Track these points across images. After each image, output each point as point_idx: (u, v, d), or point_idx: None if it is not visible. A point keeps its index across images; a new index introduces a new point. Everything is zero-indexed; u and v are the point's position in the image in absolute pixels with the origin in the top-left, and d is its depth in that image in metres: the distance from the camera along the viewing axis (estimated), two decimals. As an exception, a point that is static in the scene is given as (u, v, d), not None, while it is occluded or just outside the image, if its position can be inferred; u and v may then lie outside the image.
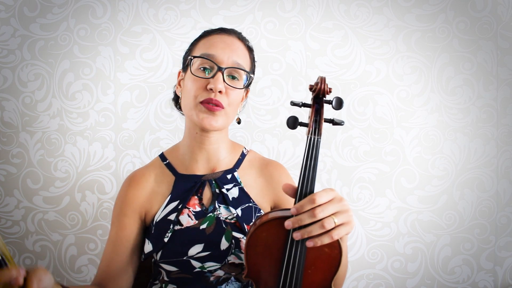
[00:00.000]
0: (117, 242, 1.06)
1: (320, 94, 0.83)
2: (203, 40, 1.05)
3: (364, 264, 1.66)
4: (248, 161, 1.13)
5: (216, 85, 0.98)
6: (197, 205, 1.05)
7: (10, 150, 1.59)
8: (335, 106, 0.80)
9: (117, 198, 1.11)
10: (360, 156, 1.65)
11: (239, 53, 1.03)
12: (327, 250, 0.83)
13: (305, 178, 0.81)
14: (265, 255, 0.85)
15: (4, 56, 1.57)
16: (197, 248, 1.00)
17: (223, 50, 1.01)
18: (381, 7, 1.63)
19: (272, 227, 0.83)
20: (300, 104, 0.84)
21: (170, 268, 1.02)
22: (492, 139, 1.66)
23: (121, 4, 1.59)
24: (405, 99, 1.65)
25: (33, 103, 1.58)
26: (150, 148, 1.61)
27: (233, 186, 1.07)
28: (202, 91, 0.99)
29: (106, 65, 1.59)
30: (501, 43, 1.64)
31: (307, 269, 0.83)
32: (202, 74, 1.01)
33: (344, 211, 0.79)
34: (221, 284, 1.03)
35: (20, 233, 1.59)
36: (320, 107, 0.83)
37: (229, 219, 1.04)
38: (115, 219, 1.09)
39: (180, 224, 1.03)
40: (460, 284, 1.68)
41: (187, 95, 1.02)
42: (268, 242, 0.84)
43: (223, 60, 1.00)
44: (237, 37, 1.07)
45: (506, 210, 1.67)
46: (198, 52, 1.03)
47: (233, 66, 1.00)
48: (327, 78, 1.63)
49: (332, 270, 0.84)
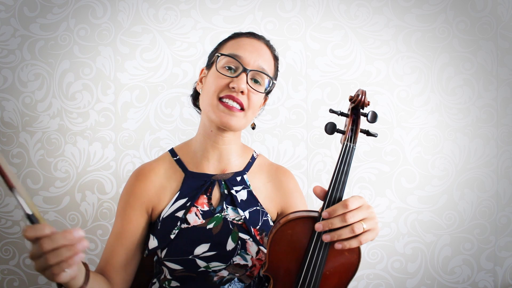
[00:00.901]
0: (122, 234, 1.05)
1: (359, 106, 0.88)
2: (233, 40, 1.07)
3: (364, 264, 1.66)
4: (258, 165, 1.13)
5: (239, 85, 0.98)
6: (205, 204, 1.05)
7: (10, 150, 1.59)
8: (370, 119, 0.86)
9: (123, 191, 1.10)
10: (360, 156, 1.65)
11: (266, 58, 1.05)
12: (347, 255, 0.87)
13: (336, 182, 0.85)
14: (287, 252, 0.88)
15: (4, 56, 1.57)
16: (203, 248, 1.00)
17: (250, 53, 1.02)
18: (381, 7, 1.63)
19: (298, 225, 0.87)
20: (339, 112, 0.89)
21: (174, 266, 1.01)
22: (492, 139, 1.66)
23: (121, 4, 1.59)
24: (405, 99, 1.65)
25: (33, 103, 1.58)
26: (150, 148, 1.61)
27: (242, 188, 1.07)
28: (224, 88, 1.00)
29: (106, 65, 1.59)
30: (501, 43, 1.64)
31: (326, 271, 0.87)
32: (226, 72, 1.01)
33: (371, 218, 0.84)
34: (224, 284, 1.03)
35: (20, 233, 1.59)
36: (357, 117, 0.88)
37: (236, 221, 1.04)
38: (121, 211, 1.08)
39: (187, 223, 1.03)
40: (460, 284, 1.68)
41: (208, 90, 1.03)
42: (293, 239, 0.87)
43: (249, 63, 1.01)
44: (266, 44, 1.08)
45: (506, 210, 1.67)
46: (226, 52, 1.04)
47: (258, 69, 1.02)
48: (326, 78, 1.63)
49: (349, 274, 0.88)
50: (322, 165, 1.64)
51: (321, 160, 1.64)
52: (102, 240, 1.61)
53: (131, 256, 1.06)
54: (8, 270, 1.60)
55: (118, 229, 1.07)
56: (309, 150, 1.63)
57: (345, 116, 0.90)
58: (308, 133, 1.64)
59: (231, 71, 1.01)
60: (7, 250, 1.60)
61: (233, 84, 0.99)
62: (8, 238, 1.60)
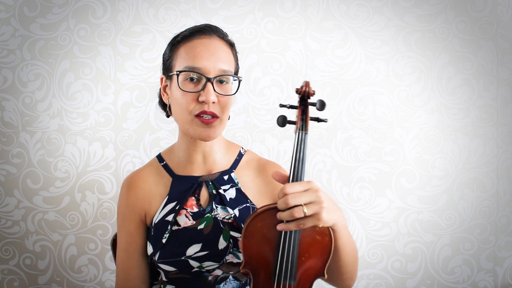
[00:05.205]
0: (129, 248, 1.07)
1: (305, 96, 0.92)
2: (184, 47, 1.01)
3: (364, 264, 1.66)
4: (245, 161, 1.12)
5: (208, 97, 0.96)
6: (194, 206, 1.05)
7: (10, 150, 1.59)
8: (318, 107, 0.89)
9: (118, 204, 1.11)
10: (360, 156, 1.65)
11: (224, 57, 1.01)
12: (319, 238, 0.90)
13: (295, 171, 0.88)
14: (261, 245, 0.90)
15: (4, 56, 1.57)
16: (195, 248, 1.01)
17: (208, 60, 0.98)
18: (381, 7, 1.63)
19: (267, 217, 0.90)
20: (288, 106, 0.94)
21: (168, 268, 1.02)
22: (492, 139, 1.66)
23: (121, 4, 1.59)
24: (405, 99, 1.65)
25: (33, 103, 1.58)
26: (150, 148, 1.61)
27: (230, 187, 1.07)
28: (195, 104, 0.98)
29: (106, 65, 1.59)
30: (501, 43, 1.64)
31: (301, 257, 0.89)
32: (190, 87, 0.98)
33: (317, 202, 0.83)
34: (219, 283, 1.03)
35: (20, 233, 1.59)
36: (306, 107, 0.92)
37: (226, 219, 1.04)
38: (121, 225, 1.09)
39: (177, 225, 1.03)
40: (460, 284, 1.68)
41: (179, 107, 1.00)
42: (264, 231, 0.90)
43: (210, 70, 0.98)
44: (218, 36, 1.03)
45: (506, 210, 1.67)
46: (181, 63, 1.00)
47: (220, 74, 0.99)
48: (326, 78, 1.63)
49: (325, 257, 0.90)
50: (322, 165, 1.64)
51: (321, 160, 1.64)
52: (102, 240, 1.61)
53: (145, 266, 1.09)
54: (8, 270, 1.60)
55: (123, 244, 1.08)
56: (309, 150, 1.63)
57: (295, 108, 0.94)
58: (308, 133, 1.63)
59: (194, 83, 0.98)
60: (7, 250, 1.60)
61: (201, 97, 0.97)
62: (8, 238, 1.60)
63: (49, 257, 1.60)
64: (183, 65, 0.99)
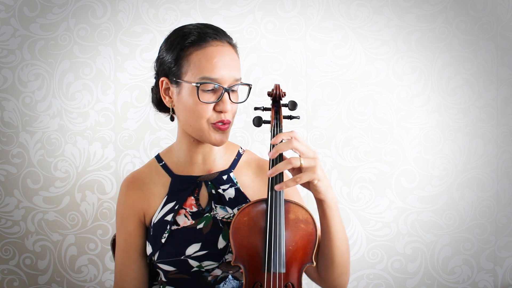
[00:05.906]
0: (127, 249, 1.07)
1: (277, 98, 1.01)
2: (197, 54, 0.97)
3: (364, 264, 1.66)
4: (244, 161, 1.12)
5: (227, 108, 0.97)
6: (193, 206, 1.05)
7: (10, 150, 1.59)
8: (290, 107, 0.98)
9: (117, 204, 1.11)
10: (360, 156, 1.65)
11: (236, 65, 1.01)
12: (303, 226, 0.96)
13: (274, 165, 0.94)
14: (249, 237, 0.95)
15: (4, 56, 1.57)
16: (194, 247, 1.01)
17: (225, 70, 0.97)
18: (381, 7, 1.63)
19: (252, 210, 0.96)
20: (262, 108, 1.03)
21: (167, 268, 1.02)
22: (492, 139, 1.66)
23: (121, 4, 1.59)
24: (405, 99, 1.65)
25: (33, 103, 1.58)
26: (150, 148, 1.61)
27: (229, 186, 1.07)
28: (212, 113, 0.98)
29: (106, 65, 1.60)
30: (501, 43, 1.64)
31: (288, 246, 0.94)
32: (208, 97, 0.97)
33: (312, 158, 0.90)
34: (219, 283, 1.03)
35: (20, 233, 1.59)
36: (278, 108, 1.00)
37: (225, 219, 1.04)
38: (120, 225, 1.09)
39: (177, 224, 1.04)
40: (460, 284, 1.68)
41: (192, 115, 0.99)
42: (250, 224, 0.95)
43: (227, 80, 0.97)
44: (227, 42, 1.02)
45: (506, 210, 1.67)
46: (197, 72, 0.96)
47: (235, 83, 0.99)
48: (326, 78, 1.63)
49: (311, 245, 0.96)
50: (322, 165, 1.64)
51: (321, 160, 1.64)
52: (102, 240, 1.61)
53: (144, 267, 1.08)
54: (8, 270, 1.60)
55: (121, 244, 1.08)
56: (309, 150, 1.62)
57: (268, 110, 1.02)
58: (308, 133, 1.64)
59: (211, 92, 0.97)
60: (7, 250, 1.60)
61: (219, 107, 0.97)
62: (8, 238, 1.60)
63: (49, 257, 1.61)
64: (200, 75, 0.96)
